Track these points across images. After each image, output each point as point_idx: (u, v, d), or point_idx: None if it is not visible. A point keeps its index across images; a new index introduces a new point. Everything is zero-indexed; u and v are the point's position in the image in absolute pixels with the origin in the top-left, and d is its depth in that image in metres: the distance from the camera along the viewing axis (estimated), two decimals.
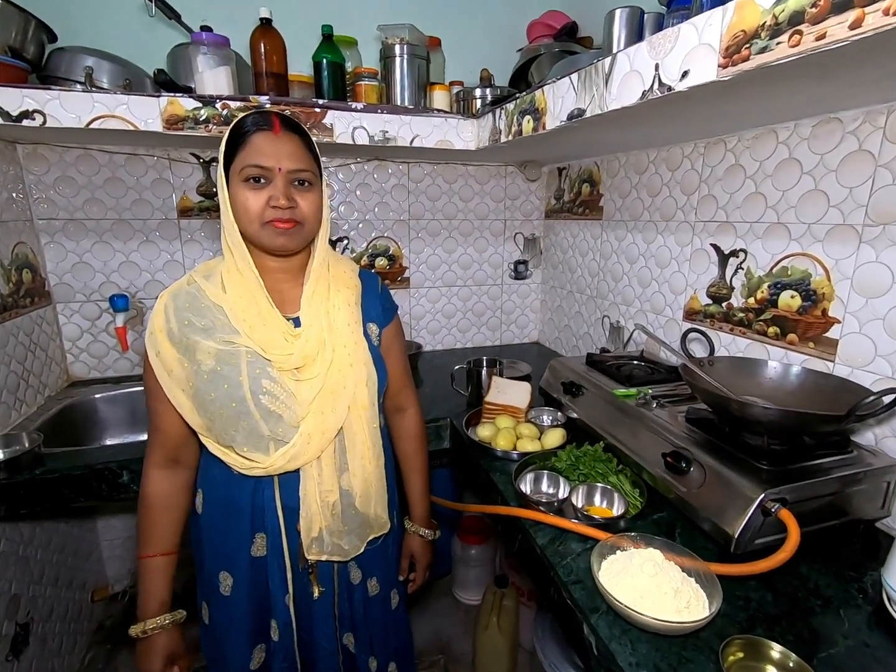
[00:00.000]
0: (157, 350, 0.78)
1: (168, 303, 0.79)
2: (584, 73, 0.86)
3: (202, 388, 0.77)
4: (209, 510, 0.89)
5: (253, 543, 0.87)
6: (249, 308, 0.79)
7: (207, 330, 0.78)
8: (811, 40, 0.49)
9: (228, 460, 0.81)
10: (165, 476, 0.86)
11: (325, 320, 0.84)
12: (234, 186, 0.76)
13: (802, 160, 1.00)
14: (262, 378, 0.78)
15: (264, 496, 0.85)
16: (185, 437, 0.84)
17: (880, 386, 0.88)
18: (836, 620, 0.71)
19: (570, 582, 0.77)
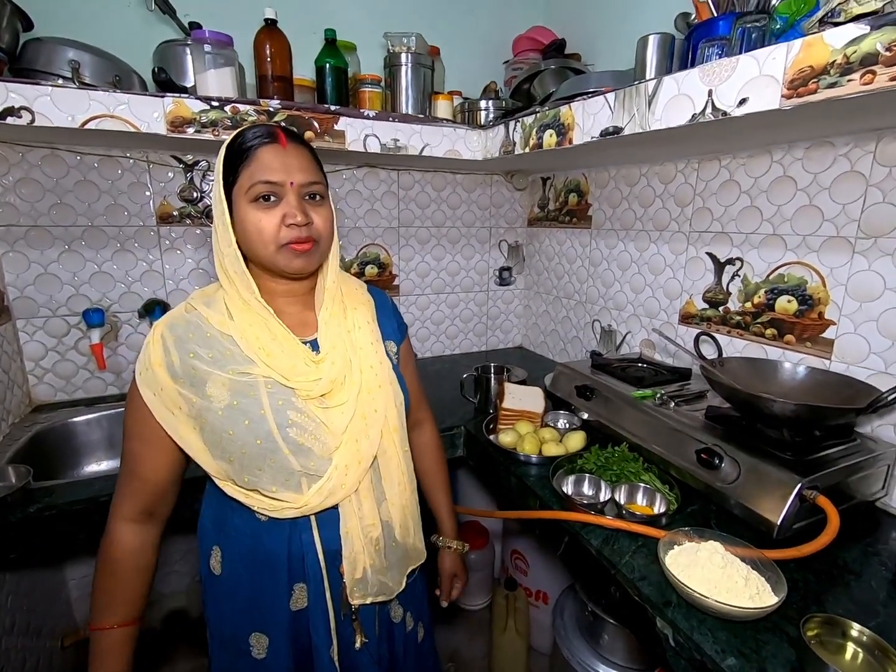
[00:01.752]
0: (155, 388, 0.69)
1: (165, 333, 0.70)
2: (624, 93, 0.90)
3: (218, 426, 0.69)
4: (233, 568, 0.78)
5: (292, 596, 0.77)
6: (262, 334, 0.72)
7: (217, 361, 0.70)
8: (885, 80, 0.56)
9: (254, 504, 0.72)
10: (136, 531, 0.75)
11: (347, 340, 0.79)
12: (241, 207, 0.69)
13: (797, 178, 1.11)
14: (287, 409, 0.71)
15: (302, 541, 0.76)
16: (167, 485, 0.75)
17: (875, 379, 1.00)
18: (871, 592, 0.79)
19: (635, 579, 0.81)
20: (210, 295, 0.76)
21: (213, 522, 0.80)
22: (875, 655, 0.63)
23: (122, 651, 0.74)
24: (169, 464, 0.74)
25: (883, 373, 1.00)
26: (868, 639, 0.64)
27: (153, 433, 0.71)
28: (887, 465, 0.97)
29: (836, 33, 0.60)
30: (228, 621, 0.79)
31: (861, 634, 0.65)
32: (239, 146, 0.70)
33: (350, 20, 1.56)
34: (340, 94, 1.35)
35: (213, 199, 0.72)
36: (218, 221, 0.71)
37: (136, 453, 0.73)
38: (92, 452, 1.46)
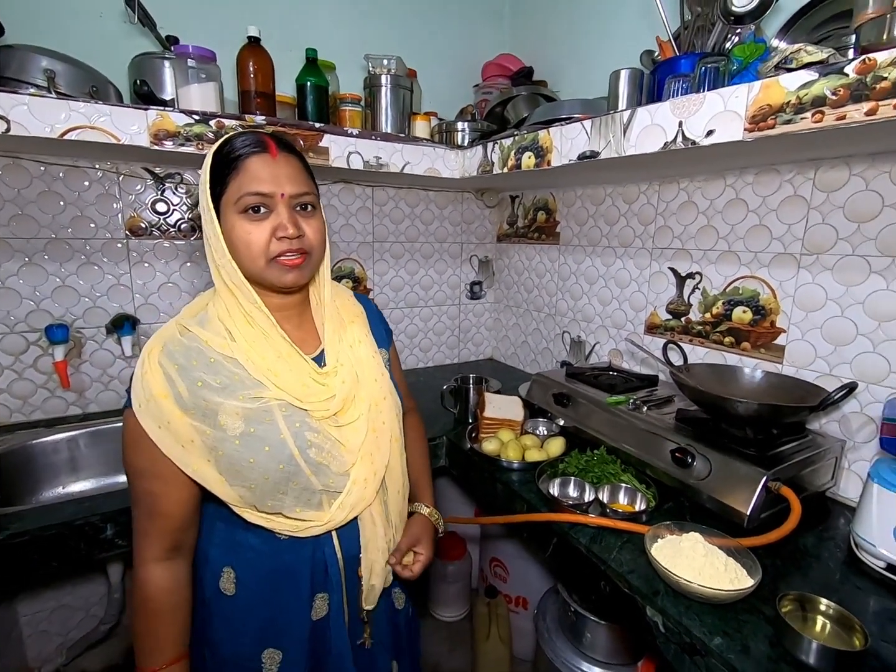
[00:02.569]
0: (160, 421, 0.66)
1: (163, 361, 0.67)
2: (600, 121, 0.98)
3: (237, 456, 0.67)
4: (248, 587, 0.76)
5: (313, 606, 0.78)
6: (267, 354, 0.70)
7: (227, 388, 0.68)
8: (832, 119, 0.65)
9: (276, 527, 0.72)
10: (168, 570, 0.72)
11: (352, 356, 0.80)
12: (229, 219, 0.67)
13: (748, 200, 1.22)
14: (304, 430, 0.71)
15: (325, 553, 0.76)
16: (190, 517, 0.73)
17: (821, 381, 1.11)
18: (829, 572, 0.88)
19: (624, 572, 0.86)
20: (197, 312, 0.73)
21: (223, 545, 0.76)
22: (841, 625, 0.71)
23: None
24: (189, 496, 0.71)
25: (828, 374, 1.11)
26: (834, 611, 0.72)
27: (166, 468, 0.67)
28: (835, 457, 1.07)
29: (790, 78, 0.69)
30: (238, 641, 0.77)
31: (828, 608, 0.72)
32: (227, 155, 0.67)
33: (329, 40, 1.60)
34: (321, 112, 1.37)
35: (202, 209, 0.69)
36: (209, 232, 0.69)
37: (152, 492, 0.69)
38: (54, 476, 1.38)
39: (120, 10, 1.27)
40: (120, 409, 1.51)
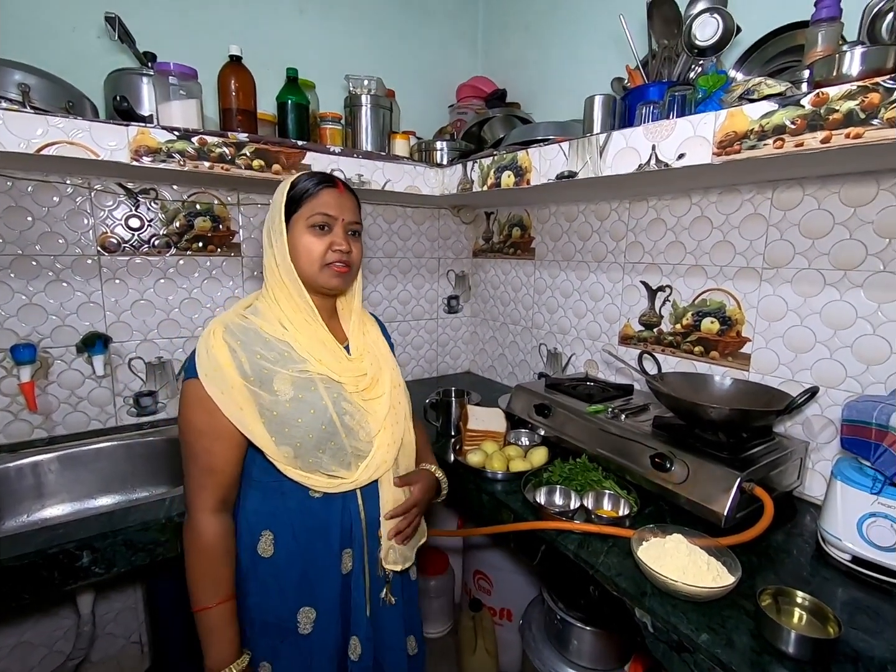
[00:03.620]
0: (223, 387, 0.80)
1: (227, 338, 0.82)
2: (578, 143, 1.04)
3: (288, 416, 0.82)
4: (284, 548, 0.88)
5: (342, 561, 0.90)
6: (312, 339, 0.87)
7: (279, 362, 0.83)
8: (792, 146, 0.72)
9: (314, 483, 0.85)
10: (221, 519, 0.85)
11: (374, 349, 0.99)
12: (297, 232, 0.87)
13: (712, 218, 1.30)
14: (341, 401, 0.86)
15: (351, 511, 0.89)
16: (238, 475, 0.87)
17: (785, 386, 1.19)
18: (801, 566, 0.93)
19: (612, 576, 0.89)
20: (248, 306, 0.90)
21: (261, 509, 0.88)
22: (816, 615, 0.75)
23: (232, 621, 0.85)
24: (239, 455, 0.84)
25: (791, 380, 1.19)
26: (810, 603, 0.76)
27: (224, 428, 0.81)
28: (800, 458, 1.14)
29: (753, 108, 0.76)
30: (275, 602, 0.88)
31: (804, 600, 0.77)
32: (304, 185, 0.87)
33: (309, 60, 1.62)
34: (302, 130, 1.39)
35: (271, 223, 0.88)
36: (275, 241, 0.87)
37: (208, 449, 0.82)
38: (17, 503, 1.31)
39: (97, 25, 1.26)
40: (90, 430, 1.49)
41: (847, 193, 1.06)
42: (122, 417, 1.54)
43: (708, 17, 0.96)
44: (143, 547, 1.04)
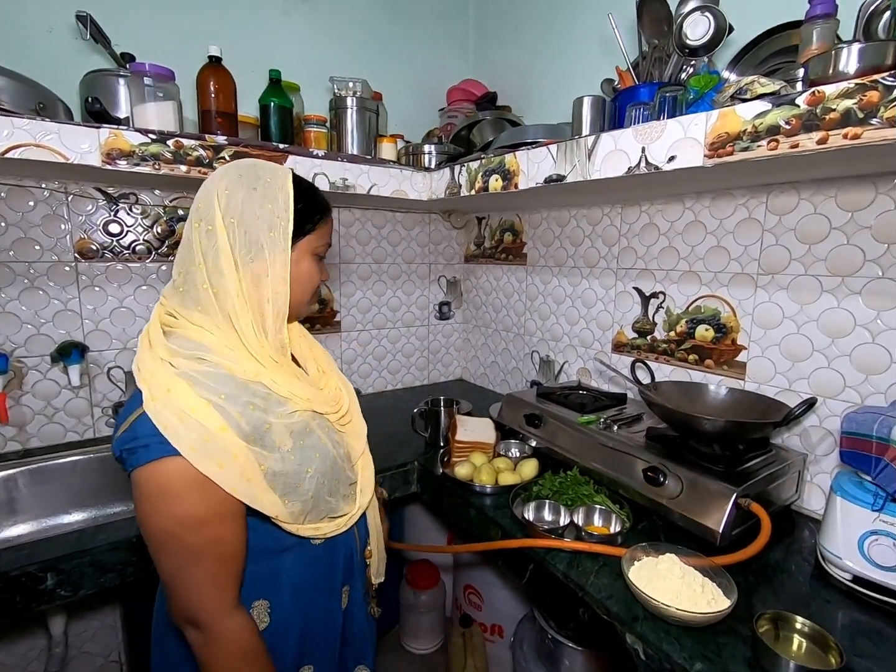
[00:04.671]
0: (222, 459, 0.63)
1: (206, 394, 0.64)
2: (566, 146, 1.00)
3: (297, 470, 0.71)
4: (283, 612, 0.76)
5: (341, 601, 0.85)
6: (287, 374, 0.74)
7: (266, 410, 0.69)
8: (786, 147, 0.68)
9: (323, 530, 0.77)
10: (246, 616, 0.70)
11: (324, 365, 0.89)
12: (302, 257, 0.75)
13: (706, 223, 1.27)
14: (331, 434, 0.79)
15: (351, 545, 0.84)
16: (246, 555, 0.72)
17: (782, 396, 1.15)
18: (800, 586, 0.89)
19: (603, 598, 0.84)
20: (187, 341, 0.68)
21: (252, 579, 0.73)
22: (817, 643, 0.71)
23: None
24: (246, 530, 0.70)
25: (788, 390, 1.15)
26: (810, 629, 0.72)
27: (230, 507, 0.66)
28: (798, 471, 1.10)
29: (746, 108, 0.72)
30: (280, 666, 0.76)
31: (804, 626, 0.73)
32: (320, 203, 0.77)
33: (293, 62, 1.59)
34: (285, 133, 1.35)
35: (274, 241, 0.69)
36: (271, 261, 0.70)
37: (219, 538, 0.66)
38: None
39: (72, 26, 1.22)
40: (67, 443, 1.44)
41: (844, 197, 1.03)
42: (100, 428, 1.49)
43: (699, 16, 0.93)
44: (113, 567, 0.99)
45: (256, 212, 0.69)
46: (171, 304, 0.71)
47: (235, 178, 0.70)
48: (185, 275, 0.70)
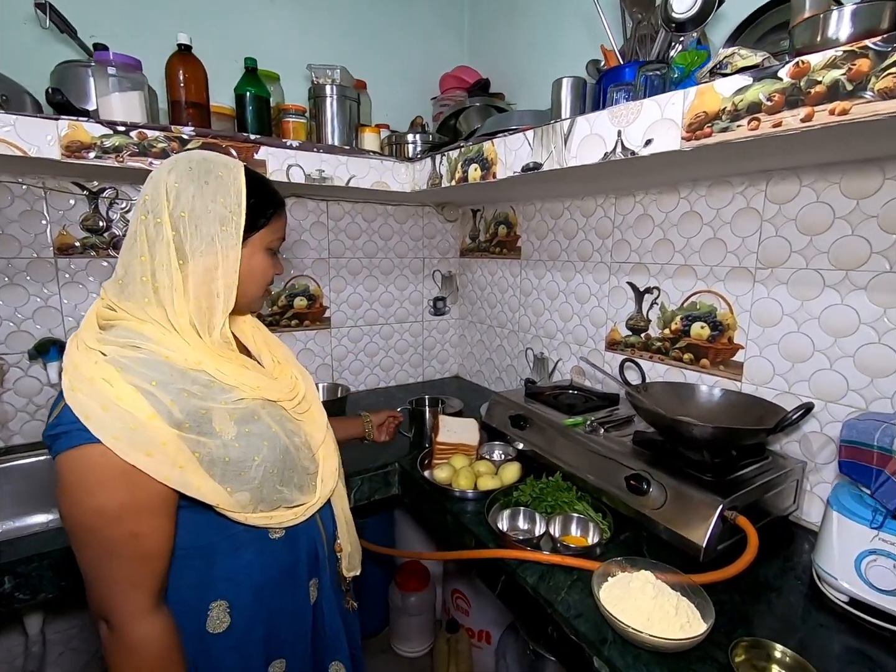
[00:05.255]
0: (150, 448, 0.60)
1: (135, 381, 0.61)
2: (542, 131, 0.93)
3: (242, 458, 0.68)
4: (245, 611, 0.73)
5: (309, 594, 0.81)
6: (230, 363, 0.71)
7: (207, 396, 0.66)
8: (768, 126, 0.61)
9: (277, 521, 0.74)
10: (164, 618, 0.66)
11: (280, 355, 0.87)
12: (255, 251, 0.74)
13: (702, 213, 1.19)
14: (285, 422, 0.76)
15: (315, 538, 0.81)
16: (172, 552, 0.67)
17: (780, 399, 1.07)
18: (790, 608, 0.82)
19: (571, 617, 0.79)
20: (125, 330, 0.66)
21: (205, 579, 0.71)
22: None
23: None
24: (174, 528, 0.66)
25: (787, 393, 1.07)
26: (791, 659, 0.66)
27: (157, 499, 0.63)
28: (796, 479, 1.02)
29: (725, 83, 0.65)
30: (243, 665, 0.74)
31: (784, 655, 0.66)
32: (273, 195, 0.75)
33: (275, 51, 1.54)
34: (262, 124, 1.31)
35: (226, 235, 0.68)
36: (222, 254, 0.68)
37: (138, 533, 0.62)
38: None
39: (39, 16, 1.19)
40: None
41: (848, 184, 0.94)
42: None
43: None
44: (75, 571, 0.97)
45: (208, 206, 0.67)
46: (110, 297, 0.69)
47: (185, 172, 0.68)
48: (126, 267, 0.68)
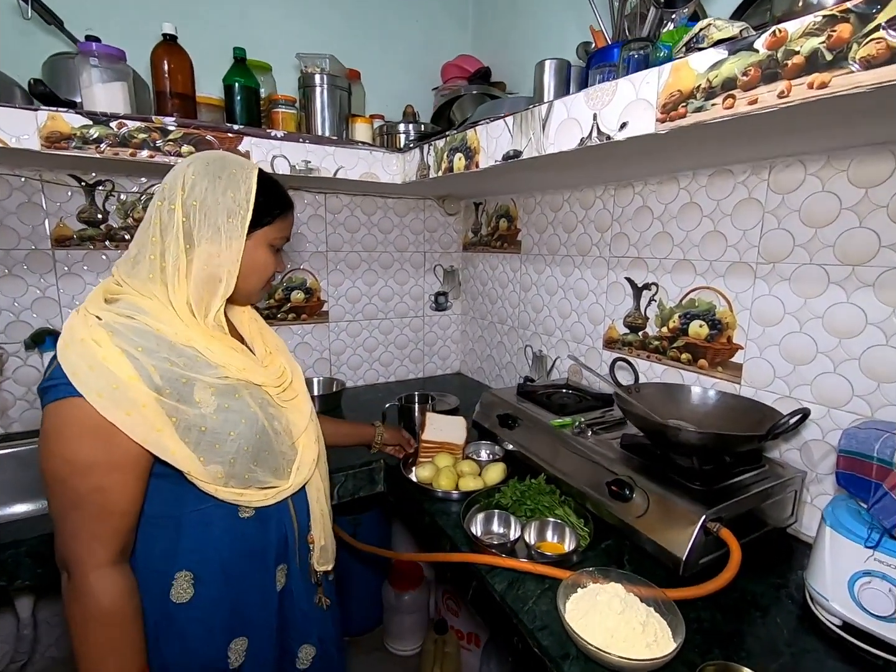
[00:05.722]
0: (128, 407, 0.64)
1: (122, 344, 0.65)
2: (521, 117, 0.89)
3: (218, 431, 0.70)
4: (210, 585, 0.75)
5: (275, 579, 0.82)
6: (220, 344, 0.75)
7: (191, 367, 0.70)
8: (744, 104, 0.55)
9: (247, 500, 0.75)
10: (122, 574, 0.68)
11: (272, 346, 0.90)
12: (258, 245, 0.78)
13: (702, 204, 1.12)
14: (267, 406, 0.78)
15: (285, 524, 0.82)
16: (137, 516, 0.70)
17: (780, 403, 1.00)
18: (777, 629, 0.76)
19: (535, 629, 0.75)
20: (127, 304, 0.70)
21: (172, 549, 0.74)
22: None
23: None
24: (143, 489, 0.70)
25: (787, 397, 1.00)
26: None
27: (129, 458, 0.66)
28: (795, 490, 0.96)
29: (700, 58, 0.59)
30: (199, 649, 0.75)
31: None
32: (282, 197, 0.80)
33: (268, 41, 1.53)
34: (251, 115, 1.29)
35: (231, 226, 0.73)
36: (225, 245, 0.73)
37: (102, 487, 0.65)
38: None
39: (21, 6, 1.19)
40: None
41: (857, 171, 0.86)
42: None
43: None
44: (51, 559, 0.98)
45: (218, 198, 0.73)
46: (121, 272, 0.74)
47: (203, 166, 0.74)
48: (140, 247, 0.73)
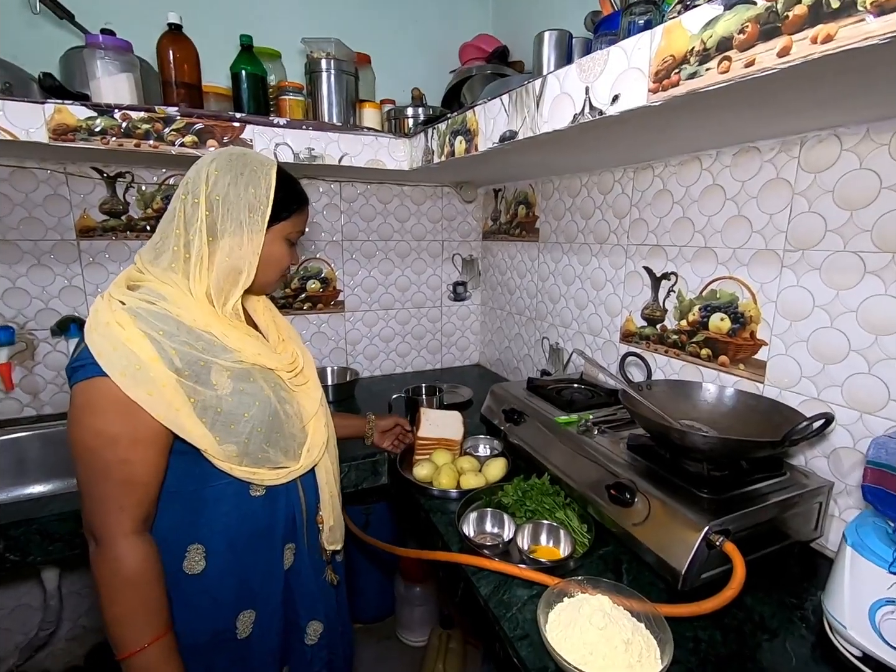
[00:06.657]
0: (150, 387, 0.68)
1: (144, 328, 0.69)
2: (516, 95, 0.83)
3: (233, 412, 0.74)
4: (219, 559, 0.79)
5: (283, 557, 0.85)
6: (236, 330, 0.79)
7: (209, 351, 0.74)
8: (741, 67, 0.48)
9: (259, 478, 0.79)
10: (145, 541, 0.73)
11: (286, 335, 0.93)
12: (275, 239, 0.80)
13: (725, 186, 1.02)
14: (279, 390, 0.82)
15: (293, 504, 0.85)
16: (160, 486, 0.74)
17: (807, 406, 0.91)
18: (785, 656, 0.69)
19: (516, 637, 0.71)
20: (149, 291, 0.74)
21: (185, 522, 0.78)
22: None
23: (173, 657, 0.73)
24: (164, 463, 0.74)
25: (815, 399, 0.90)
26: None
27: (147, 431, 0.70)
28: (820, 502, 0.87)
29: (693, 16, 0.52)
30: (207, 619, 0.79)
31: None
32: (300, 194, 0.83)
33: (277, 28, 1.51)
34: (258, 103, 1.29)
35: (252, 221, 0.76)
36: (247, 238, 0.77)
37: (126, 459, 0.69)
38: None
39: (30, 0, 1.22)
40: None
41: None
42: None
43: None
44: (60, 537, 1.02)
45: (240, 193, 0.76)
46: (144, 260, 0.77)
47: (225, 162, 0.77)
48: (163, 236, 0.77)
